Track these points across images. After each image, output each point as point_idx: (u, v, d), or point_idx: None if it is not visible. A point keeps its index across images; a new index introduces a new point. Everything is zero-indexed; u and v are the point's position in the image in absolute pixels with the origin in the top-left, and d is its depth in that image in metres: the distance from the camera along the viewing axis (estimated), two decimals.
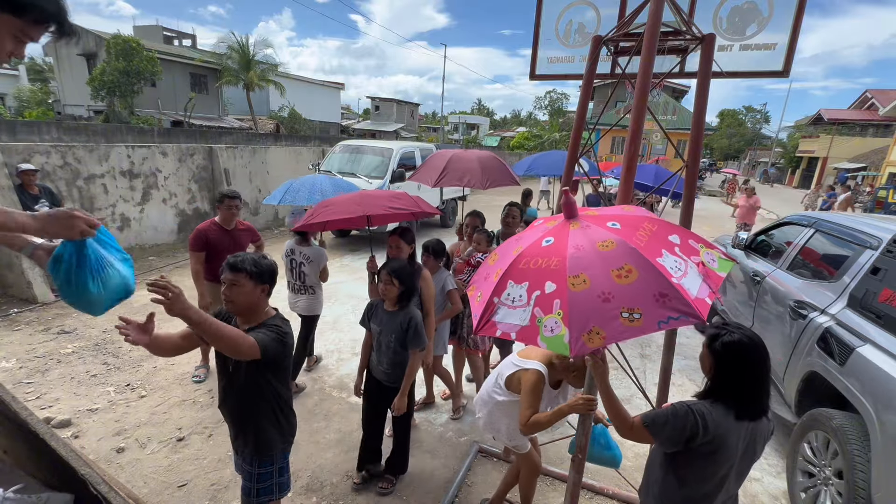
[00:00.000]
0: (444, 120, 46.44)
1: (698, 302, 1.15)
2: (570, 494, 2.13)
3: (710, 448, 1.42)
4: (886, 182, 21.70)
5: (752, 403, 1.42)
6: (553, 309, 1.21)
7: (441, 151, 4.04)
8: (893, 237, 2.72)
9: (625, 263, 1.20)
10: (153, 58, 20.61)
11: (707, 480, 1.47)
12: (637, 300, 1.15)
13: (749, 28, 2.10)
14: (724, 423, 1.40)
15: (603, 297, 1.17)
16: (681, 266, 1.22)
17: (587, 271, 1.22)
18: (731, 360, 1.40)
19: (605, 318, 1.16)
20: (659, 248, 1.24)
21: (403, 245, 2.80)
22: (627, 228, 1.31)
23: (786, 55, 2.04)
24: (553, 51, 2.51)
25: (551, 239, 1.37)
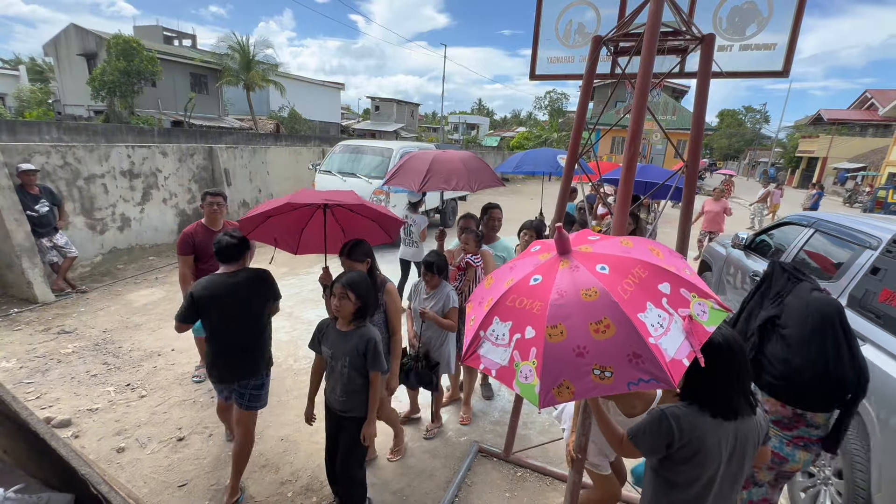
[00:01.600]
0: (444, 120, 46.44)
1: (674, 364, 1.10)
2: (570, 494, 2.13)
3: (689, 451, 1.39)
4: (886, 182, 21.71)
5: (722, 403, 1.38)
6: (529, 356, 1.20)
7: (418, 153, 3.85)
8: (893, 237, 2.72)
9: (604, 317, 1.16)
10: (153, 58, 20.61)
11: (692, 484, 1.45)
12: (610, 358, 1.12)
13: (749, 28, 2.10)
14: (699, 424, 1.38)
15: (577, 352, 1.15)
16: (664, 322, 1.16)
17: (566, 321, 1.18)
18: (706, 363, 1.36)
19: (577, 373, 1.14)
20: (643, 301, 1.18)
21: (356, 265, 2.41)
22: (615, 275, 1.24)
23: (785, 55, 2.04)
24: (553, 51, 2.51)
25: (539, 277, 1.33)
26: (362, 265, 2.41)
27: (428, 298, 2.91)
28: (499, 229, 3.62)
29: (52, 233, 5.22)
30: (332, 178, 8.39)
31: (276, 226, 2.66)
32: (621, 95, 21.37)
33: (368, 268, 2.44)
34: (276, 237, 2.72)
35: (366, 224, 2.80)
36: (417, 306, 2.93)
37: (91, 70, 21.91)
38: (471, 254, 3.21)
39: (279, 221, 2.63)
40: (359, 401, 2.22)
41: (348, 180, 8.18)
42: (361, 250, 2.43)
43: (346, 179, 8.23)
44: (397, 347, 2.59)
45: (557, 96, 49.98)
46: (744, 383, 1.40)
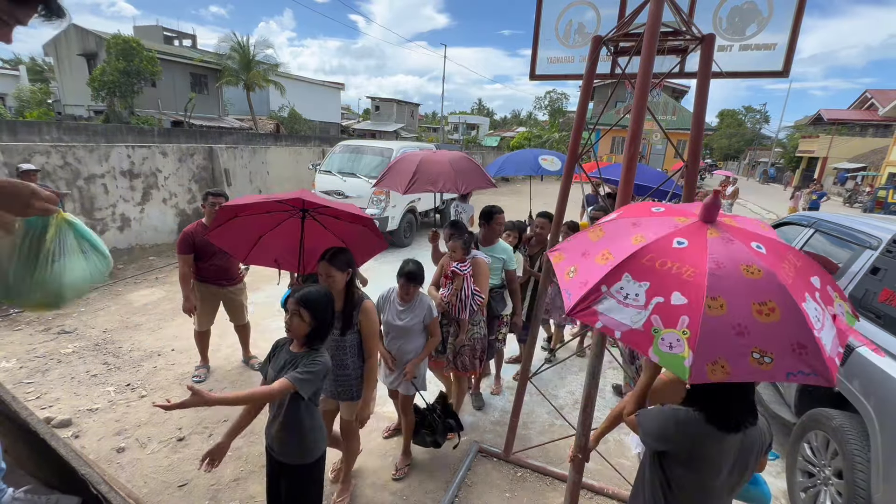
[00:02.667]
0: (444, 120, 46.43)
1: (830, 361, 1.04)
2: (570, 494, 2.13)
3: (687, 456, 1.39)
4: (886, 182, 21.70)
5: (725, 416, 1.34)
6: (678, 325, 1.08)
7: (408, 154, 3.81)
8: (893, 237, 2.72)
9: (769, 299, 1.07)
10: (153, 58, 20.61)
11: (689, 488, 1.44)
12: (772, 344, 1.04)
13: (749, 28, 2.10)
14: (702, 433, 1.35)
15: (737, 330, 1.05)
16: (820, 316, 1.09)
17: (726, 296, 1.08)
18: None
19: (735, 353, 1.04)
20: (804, 291, 1.11)
21: (336, 273, 2.16)
22: (773, 256, 1.16)
23: (785, 55, 2.04)
24: (553, 51, 2.51)
25: (685, 241, 1.21)
26: (343, 275, 2.18)
27: (404, 311, 2.64)
28: (501, 234, 3.53)
29: None
30: (333, 177, 8.39)
31: (272, 246, 2.57)
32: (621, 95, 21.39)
33: (348, 280, 2.22)
34: (276, 258, 2.63)
35: (357, 232, 2.63)
36: (391, 319, 2.65)
37: (91, 70, 21.90)
38: (458, 262, 2.99)
39: (272, 240, 2.56)
40: (296, 446, 1.83)
41: (348, 180, 8.18)
42: (345, 258, 2.20)
43: (346, 179, 8.23)
44: (372, 374, 2.33)
45: (557, 96, 50.07)
46: (745, 395, 1.36)
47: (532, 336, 2.84)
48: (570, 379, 4.18)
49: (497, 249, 3.38)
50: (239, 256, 2.71)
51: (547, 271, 2.66)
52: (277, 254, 2.63)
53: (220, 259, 3.55)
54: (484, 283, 3.04)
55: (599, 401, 3.78)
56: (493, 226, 3.38)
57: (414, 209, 8.94)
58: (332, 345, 2.24)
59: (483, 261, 3.11)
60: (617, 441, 3.31)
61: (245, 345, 4.06)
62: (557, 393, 3.93)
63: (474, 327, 3.08)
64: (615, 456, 3.10)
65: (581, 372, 4.29)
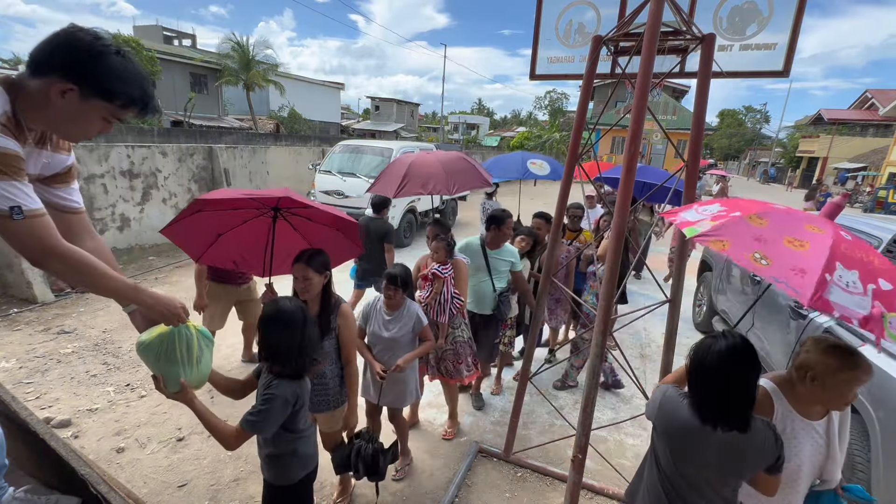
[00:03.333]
0: (444, 120, 46.43)
1: (822, 301, 1.17)
2: (570, 494, 2.13)
3: (661, 430, 1.54)
4: (886, 182, 21.70)
5: (707, 407, 1.40)
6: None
7: (401, 157, 3.73)
8: (893, 237, 2.72)
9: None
10: (153, 58, 20.61)
11: (665, 465, 1.54)
12: None
13: (749, 28, 2.10)
14: (681, 415, 1.45)
15: None
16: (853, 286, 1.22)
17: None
18: (692, 360, 1.46)
19: None
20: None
21: (313, 275, 2.02)
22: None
23: (786, 55, 2.04)
24: (553, 51, 2.51)
25: (848, 236, 1.35)
26: (321, 277, 2.06)
27: (391, 321, 2.49)
28: (509, 238, 3.43)
29: None
30: (332, 177, 8.40)
31: (231, 245, 2.30)
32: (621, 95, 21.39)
33: (326, 283, 2.11)
34: (234, 260, 2.39)
35: (332, 235, 2.47)
36: (377, 330, 2.51)
37: None
38: (439, 263, 2.90)
39: (232, 239, 2.28)
40: (269, 465, 1.75)
41: (348, 180, 8.18)
42: (322, 260, 2.08)
43: (346, 179, 8.23)
44: (353, 380, 2.22)
45: (557, 96, 50.08)
46: (724, 399, 1.37)
47: (532, 336, 2.84)
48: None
49: (504, 252, 3.36)
50: (192, 255, 2.40)
51: (547, 271, 2.66)
52: (237, 254, 2.40)
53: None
54: (463, 286, 2.99)
55: (599, 401, 3.78)
56: (504, 230, 3.30)
57: (414, 209, 8.94)
58: None
59: (464, 263, 3.03)
60: (617, 441, 3.31)
61: (249, 345, 4.07)
62: (557, 393, 3.93)
63: (455, 330, 3.00)
64: (615, 456, 3.10)
65: (581, 372, 4.29)
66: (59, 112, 1.08)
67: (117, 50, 1.10)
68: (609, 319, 1.99)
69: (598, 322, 1.98)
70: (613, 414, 3.66)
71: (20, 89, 1.07)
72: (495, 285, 3.30)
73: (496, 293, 3.30)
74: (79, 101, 1.08)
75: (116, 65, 1.08)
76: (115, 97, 1.11)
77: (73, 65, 1.04)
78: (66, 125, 1.14)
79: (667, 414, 1.51)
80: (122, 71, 1.10)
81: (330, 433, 2.35)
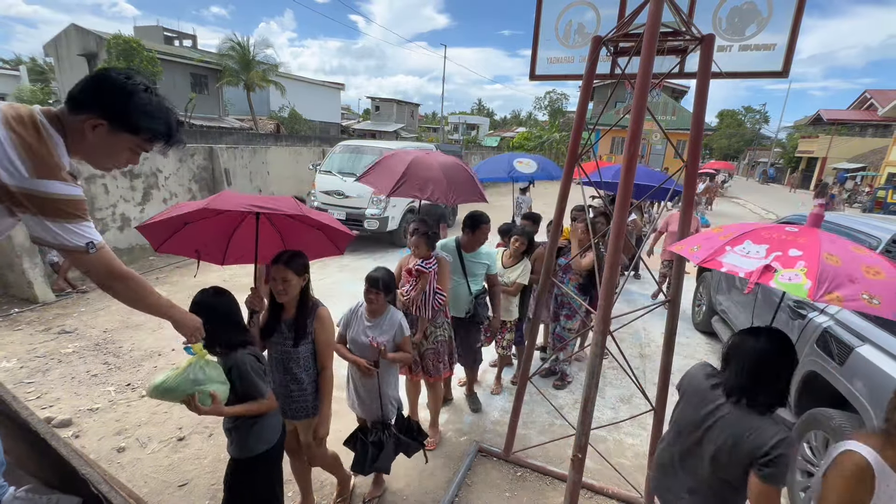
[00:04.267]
0: (444, 120, 46.44)
1: (715, 262, 1.55)
2: (570, 494, 2.13)
3: (681, 394, 1.71)
4: (885, 182, 21.70)
5: (738, 383, 1.47)
6: (795, 266, 1.41)
7: (398, 152, 3.56)
8: (893, 237, 2.72)
9: (877, 266, 1.42)
10: (153, 58, 20.61)
11: (673, 425, 1.71)
12: (880, 291, 1.32)
13: (748, 28, 2.10)
14: (700, 382, 1.62)
15: (850, 278, 1.34)
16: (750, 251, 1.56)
17: (839, 255, 1.42)
18: (728, 346, 1.57)
19: (848, 291, 1.31)
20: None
21: (293, 277, 2.00)
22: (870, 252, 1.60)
23: (785, 55, 2.04)
24: (553, 51, 2.51)
25: (796, 229, 1.65)
26: (300, 279, 2.03)
27: (372, 327, 2.40)
28: (484, 241, 3.29)
29: None
30: (333, 177, 8.40)
31: (197, 234, 2.19)
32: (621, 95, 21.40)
33: (304, 285, 2.09)
34: (197, 248, 2.25)
35: (312, 235, 2.37)
36: (357, 336, 2.43)
37: (91, 70, 21.86)
38: (422, 258, 2.81)
39: (200, 228, 2.17)
40: (233, 440, 1.89)
41: (348, 180, 8.19)
42: (302, 262, 2.05)
43: (346, 179, 8.23)
44: (327, 385, 2.16)
45: (557, 96, 50.07)
46: (753, 379, 1.44)
47: (532, 336, 2.84)
48: (570, 379, 4.18)
49: (479, 255, 3.25)
50: (153, 244, 2.21)
51: (547, 272, 2.66)
52: (200, 244, 2.26)
53: None
54: (445, 283, 2.94)
55: (599, 400, 3.79)
56: (478, 234, 3.21)
57: (414, 209, 8.94)
58: (283, 357, 2.11)
59: (446, 260, 2.97)
60: (617, 441, 3.32)
61: None
62: (557, 393, 3.93)
63: (437, 329, 2.95)
64: (615, 455, 3.11)
65: (581, 372, 4.30)
66: (92, 145, 1.20)
67: (146, 87, 1.22)
68: (609, 319, 1.99)
69: (598, 322, 1.99)
70: (613, 414, 3.66)
71: (65, 128, 1.17)
72: (471, 288, 3.22)
73: (472, 296, 3.23)
74: (107, 134, 1.19)
75: (144, 101, 1.21)
76: (142, 131, 1.23)
77: (106, 103, 1.17)
78: (99, 157, 1.26)
79: (691, 378, 1.68)
80: (149, 106, 1.22)
81: (309, 443, 2.26)
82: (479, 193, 3.44)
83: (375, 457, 2.34)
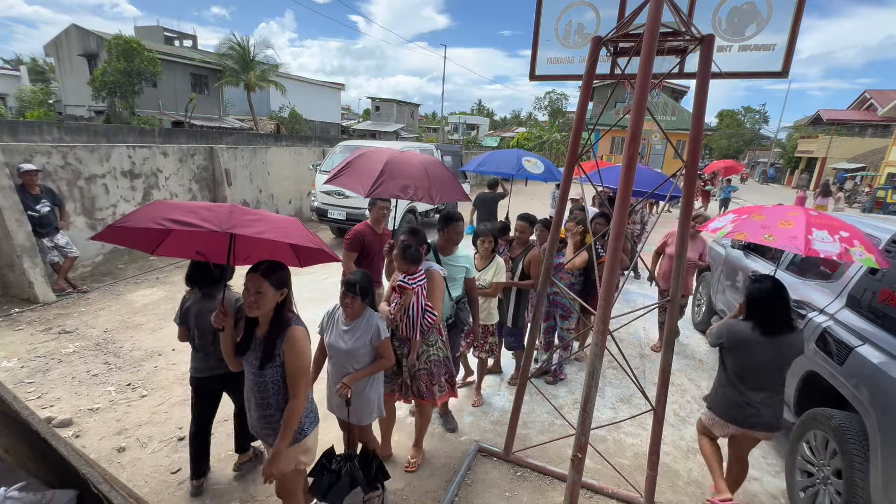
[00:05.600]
0: (444, 120, 46.43)
1: (811, 250, 2.22)
2: (570, 493, 2.13)
3: (732, 347, 2.44)
4: (885, 182, 21.69)
5: (761, 324, 2.35)
6: (854, 245, 2.24)
7: (368, 151, 3.35)
8: (893, 237, 2.72)
9: (789, 217, 2.44)
10: (154, 58, 20.61)
11: (734, 370, 2.44)
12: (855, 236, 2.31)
13: (748, 29, 2.11)
14: (744, 333, 2.37)
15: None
16: (826, 238, 2.29)
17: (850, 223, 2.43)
18: (749, 298, 2.41)
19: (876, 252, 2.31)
20: (815, 228, 2.36)
21: (268, 290, 1.79)
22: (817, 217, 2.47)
23: (785, 56, 2.05)
24: (553, 51, 2.51)
25: (814, 212, 2.48)
26: (276, 293, 1.82)
27: (349, 331, 2.28)
28: (458, 241, 3.08)
29: (53, 233, 5.23)
30: None
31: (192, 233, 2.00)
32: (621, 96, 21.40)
33: (282, 300, 1.86)
34: (198, 249, 2.12)
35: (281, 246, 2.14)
36: (333, 341, 2.31)
37: (92, 70, 21.91)
38: (404, 273, 2.56)
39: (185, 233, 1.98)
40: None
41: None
42: (282, 276, 1.84)
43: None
44: (290, 417, 1.85)
45: (557, 97, 49.96)
46: (774, 315, 2.33)
47: (532, 337, 2.84)
48: (570, 379, 4.19)
49: (457, 258, 3.02)
50: (145, 248, 2.06)
51: (547, 273, 2.66)
52: (200, 244, 2.10)
53: (378, 261, 3.56)
54: (436, 300, 2.63)
55: (599, 400, 3.79)
56: (450, 233, 2.98)
57: (414, 209, 8.95)
58: (250, 380, 1.93)
59: (438, 273, 2.70)
60: (616, 440, 3.32)
61: None
62: (557, 392, 3.93)
63: (430, 348, 2.68)
64: (615, 455, 3.11)
65: (581, 372, 4.30)
66: None
67: None
68: (608, 319, 1.99)
69: (598, 322, 1.99)
70: (613, 413, 3.67)
71: None
72: (451, 293, 2.98)
73: (452, 301, 3.01)
74: None
75: None
76: None
77: None
78: None
79: (736, 335, 2.41)
80: None
81: (281, 476, 2.00)
82: (461, 192, 3.32)
83: (328, 487, 2.17)
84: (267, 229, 1.72)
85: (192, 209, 1.70)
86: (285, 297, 1.87)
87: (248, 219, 1.72)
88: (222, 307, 1.88)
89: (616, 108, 22.66)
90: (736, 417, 2.44)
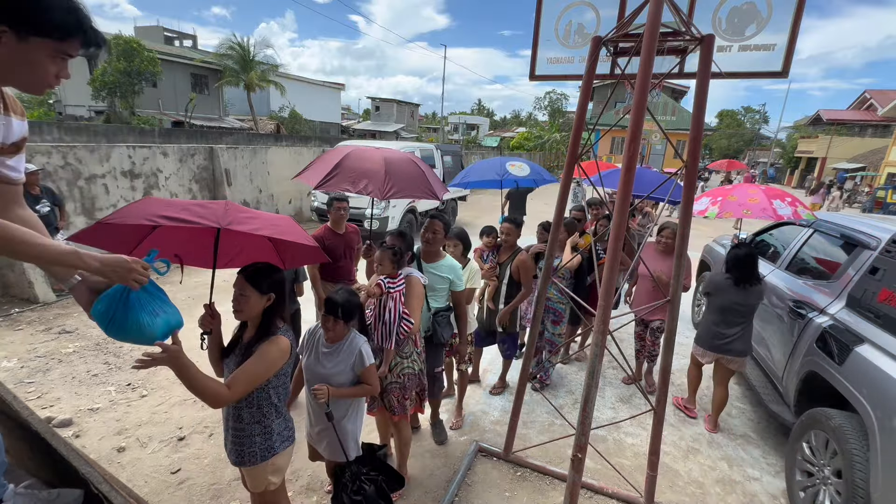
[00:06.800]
0: (444, 120, 46.44)
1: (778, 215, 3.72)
2: (570, 493, 2.13)
3: (713, 292, 3.33)
4: (885, 182, 21.70)
5: (739, 276, 3.19)
6: (797, 206, 3.76)
7: (346, 146, 3.34)
8: (892, 237, 2.72)
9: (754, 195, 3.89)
10: (154, 58, 20.60)
11: (715, 309, 3.33)
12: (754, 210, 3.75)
13: (748, 29, 2.11)
14: (723, 283, 3.25)
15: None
16: (782, 205, 3.76)
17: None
18: (728, 258, 3.30)
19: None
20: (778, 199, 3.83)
21: (252, 293, 1.69)
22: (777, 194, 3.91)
23: (785, 56, 2.05)
24: (553, 51, 2.51)
25: (763, 186, 4.01)
26: (262, 298, 1.71)
27: (330, 354, 2.06)
28: (439, 245, 2.91)
29: (53, 233, 5.23)
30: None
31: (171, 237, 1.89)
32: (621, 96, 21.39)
33: (269, 305, 1.74)
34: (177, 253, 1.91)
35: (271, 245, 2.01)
36: (312, 363, 2.09)
37: (92, 70, 21.85)
38: (385, 276, 2.45)
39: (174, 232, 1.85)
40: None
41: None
42: (271, 280, 1.73)
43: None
44: (202, 394, 1.68)
45: (557, 97, 50.04)
46: (745, 272, 3.17)
47: (532, 337, 2.84)
48: (570, 379, 4.19)
49: (440, 268, 2.84)
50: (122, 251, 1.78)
51: (547, 273, 2.66)
52: (179, 247, 1.99)
53: (347, 262, 3.70)
54: (415, 308, 2.51)
55: (598, 400, 3.79)
56: (426, 233, 2.85)
57: (414, 209, 8.95)
58: None
59: (418, 280, 2.57)
60: (616, 440, 3.32)
61: None
62: (557, 392, 3.94)
63: (404, 360, 2.52)
64: (614, 455, 3.11)
65: (580, 372, 4.30)
66: (4, 60, 1.02)
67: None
68: (608, 319, 1.99)
69: (598, 322, 1.99)
70: (613, 413, 3.67)
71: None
72: (430, 304, 2.80)
73: (431, 313, 2.82)
74: (16, 42, 1.01)
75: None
76: (50, 28, 1.03)
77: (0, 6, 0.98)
78: (18, 73, 1.07)
79: (717, 284, 3.28)
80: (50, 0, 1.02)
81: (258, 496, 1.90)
82: (428, 191, 2.99)
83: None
84: (263, 226, 1.69)
85: (185, 206, 1.66)
86: (273, 304, 1.74)
87: (243, 216, 1.69)
88: (210, 310, 1.81)
89: (616, 108, 22.67)
90: (714, 345, 3.32)
